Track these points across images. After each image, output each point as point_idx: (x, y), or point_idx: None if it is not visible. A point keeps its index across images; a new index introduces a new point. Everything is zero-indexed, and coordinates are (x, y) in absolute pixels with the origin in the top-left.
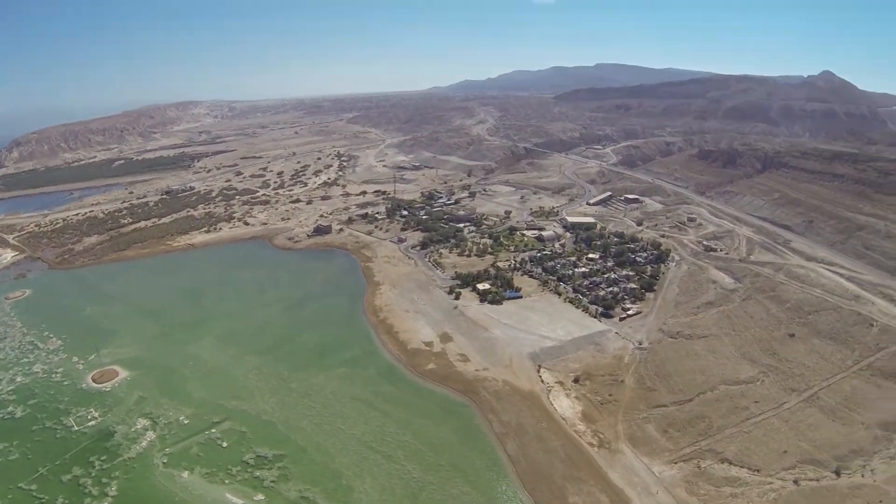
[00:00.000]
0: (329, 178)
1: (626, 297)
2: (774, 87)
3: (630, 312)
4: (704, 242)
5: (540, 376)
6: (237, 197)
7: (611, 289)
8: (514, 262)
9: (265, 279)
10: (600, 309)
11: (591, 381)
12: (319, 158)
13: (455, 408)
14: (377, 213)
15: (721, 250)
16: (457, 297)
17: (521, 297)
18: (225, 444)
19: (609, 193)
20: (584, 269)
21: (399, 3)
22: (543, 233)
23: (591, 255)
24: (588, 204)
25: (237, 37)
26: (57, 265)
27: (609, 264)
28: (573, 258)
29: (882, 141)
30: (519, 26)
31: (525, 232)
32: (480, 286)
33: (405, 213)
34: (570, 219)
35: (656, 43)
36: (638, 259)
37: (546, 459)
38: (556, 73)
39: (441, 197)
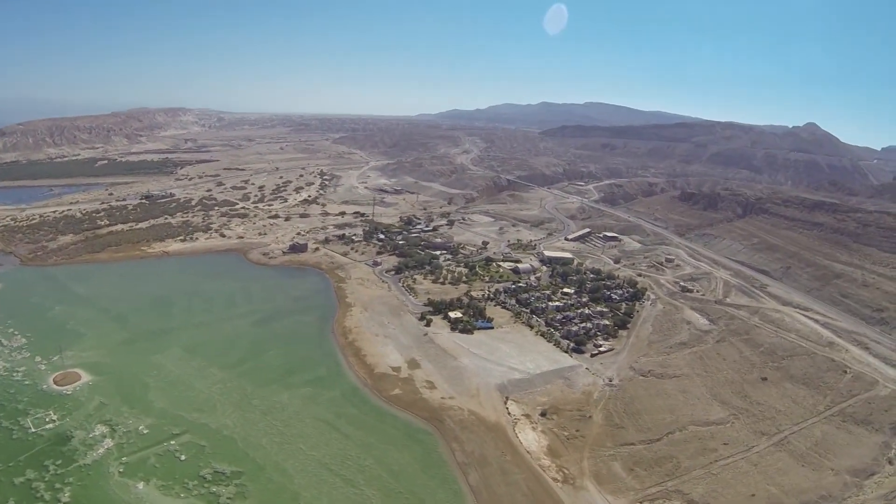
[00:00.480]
0: (310, 196)
1: (598, 333)
2: (759, 135)
3: (602, 349)
4: (681, 283)
5: (507, 408)
6: (216, 208)
7: (584, 324)
8: (488, 292)
9: (237, 293)
10: (572, 344)
11: (558, 416)
12: (302, 176)
13: (419, 435)
14: (354, 234)
15: (697, 291)
16: (427, 324)
17: (492, 327)
18: (183, 458)
19: (588, 230)
20: (558, 303)
21: (394, 27)
22: (520, 265)
23: (566, 290)
24: (567, 239)
25: (231, 47)
26: (29, 261)
27: (584, 300)
28: (548, 292)
29: (862, 193)
30: (510, 60)
31: (501, 263)
32: (452, 314)
33: (382, 236)
34: (548, 253)
35: (645, 85)
36: (613, 296)
37: (508, 492)
38: (545, 109)
39: (419, 223)
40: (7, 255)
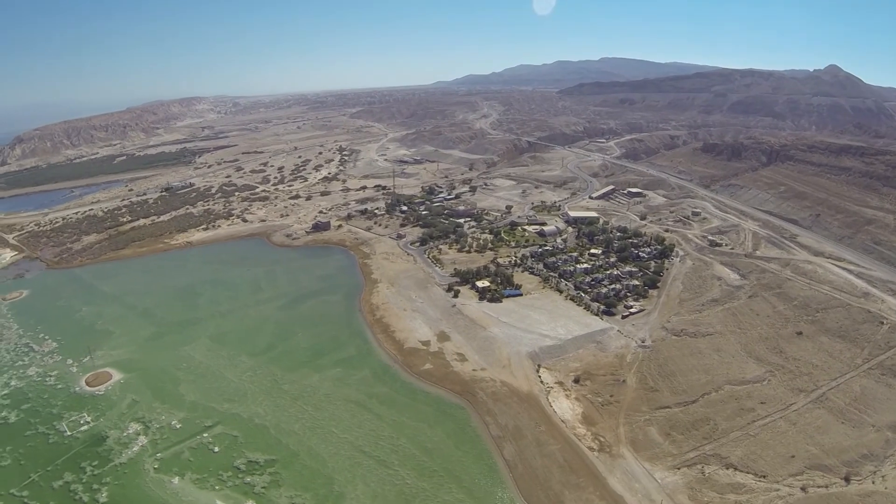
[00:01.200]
0: (330, 173)
1: (628, 294)
2: (780, 81)
3: (633, 310)
4: (709, 237)
5: (539, 376)
6: (236, 193)
7: (613, 286)
8: (514, 258)
9: (262, 277)
10: (602, 307)
11: (591, 382)
12: (321, 153)
13: (451, 410)
14: (377, 208)
15: (726, 245)
16: (455, 295)
17: (520, 294)
18: (216, 449)
19: (612, 187)
20: (585, 266)
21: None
22: (545, 228)
23: (593, 251)
24: (591, 198)
25: (243, 31)
26: (55, 265)
27: (612, 260)
28: (575, 254)
29: (889, 134)
30: (524, 23)
31: (526, 227)
32: (480, 284)
33: (405, 208)
34: (573, 213)
35: (661, 37)
36: (641, 254)
37: (544, 465)
38: (561, 68)
39: (441, 191)
40: (33, 261)
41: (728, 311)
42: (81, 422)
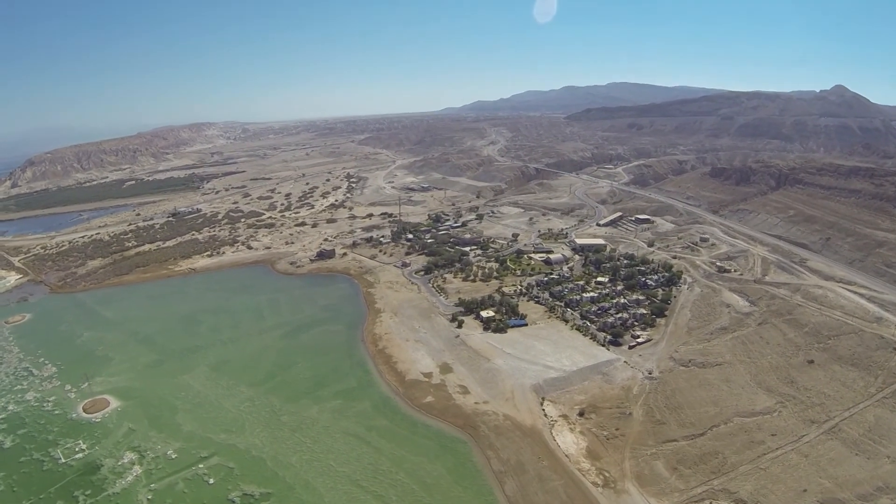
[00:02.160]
0: (336, 200)
1: (636, 323)
2: (787, 102)
3: (640, 340)
4: (718, 263)
5: (543, 409)
6: (242, 220)
7: (620, 315)
8: (520, 286)
9: (264, 306)
10: (609, 336)
11: (597, 415)
12: (328, 180)
13: (452, 444)
14: (382, 236)
15: (735, 271)
16: (459, 325)
17: (525, 324)
18: (211, 481)
19: (619, 214)
20: (592, 294)
21: (414, 23)
22: (551, 256)
23: (600, 279)
24: (598, 225)
25: (254, 58)
26: (58, 289)
27: (619, 288)
28: (581, 282)
29: None
30: (531, 46)
31: (532, 255)
32: (484, 313)
33: (410, 236)
34: (580, 241)
35: (668, 61)
36: (648, 282)
37: (546, 501)
38: (569, 93)
39: (448, 219)
40: (37, 285)
41: (737, 339)
42: (76, 449)
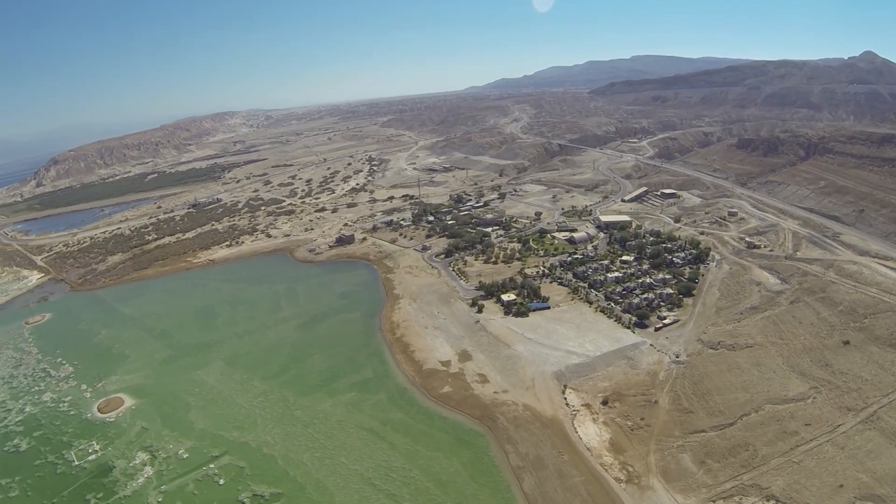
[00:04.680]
0: (357, 184)
1: (662, 303)
2: (814, 70)
3: (666, 321)
4: (747, 239)
5: (565, 398)
6: (263, 208)
7: (646, 295)
8: (542, 267)
9: (282, 296)
10: (634, 318)
11: (621, 403)
12: (350, 164)
13: (469, 437)
14: (402, 219)
15: (765, 247)
16: (479, 310)
17: (548, 307)
18: (222, 482)
19: (645, 189)
20: (617, 274)
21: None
22: (575, 234)
23: (625, 258)
24: (623, 201)
25: (275, 44)
26: (78, 287)
27: (644, 267)
28: (606, 262)
29: None
30: (554, 21)
31: (556, 234)
32: (505, 297)
33: (431, 218)
34: (604, 218)
35: (692, 31)
36: (675, 260)
37: (565, 499)
38: (592, 68)
39: (469, 199)
40: (58, 283)
41: (768, 319)
42: (90, 451)
